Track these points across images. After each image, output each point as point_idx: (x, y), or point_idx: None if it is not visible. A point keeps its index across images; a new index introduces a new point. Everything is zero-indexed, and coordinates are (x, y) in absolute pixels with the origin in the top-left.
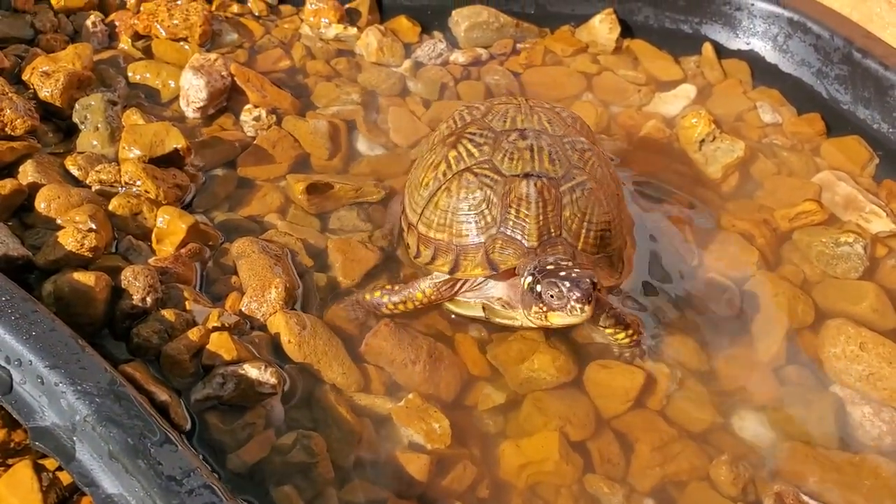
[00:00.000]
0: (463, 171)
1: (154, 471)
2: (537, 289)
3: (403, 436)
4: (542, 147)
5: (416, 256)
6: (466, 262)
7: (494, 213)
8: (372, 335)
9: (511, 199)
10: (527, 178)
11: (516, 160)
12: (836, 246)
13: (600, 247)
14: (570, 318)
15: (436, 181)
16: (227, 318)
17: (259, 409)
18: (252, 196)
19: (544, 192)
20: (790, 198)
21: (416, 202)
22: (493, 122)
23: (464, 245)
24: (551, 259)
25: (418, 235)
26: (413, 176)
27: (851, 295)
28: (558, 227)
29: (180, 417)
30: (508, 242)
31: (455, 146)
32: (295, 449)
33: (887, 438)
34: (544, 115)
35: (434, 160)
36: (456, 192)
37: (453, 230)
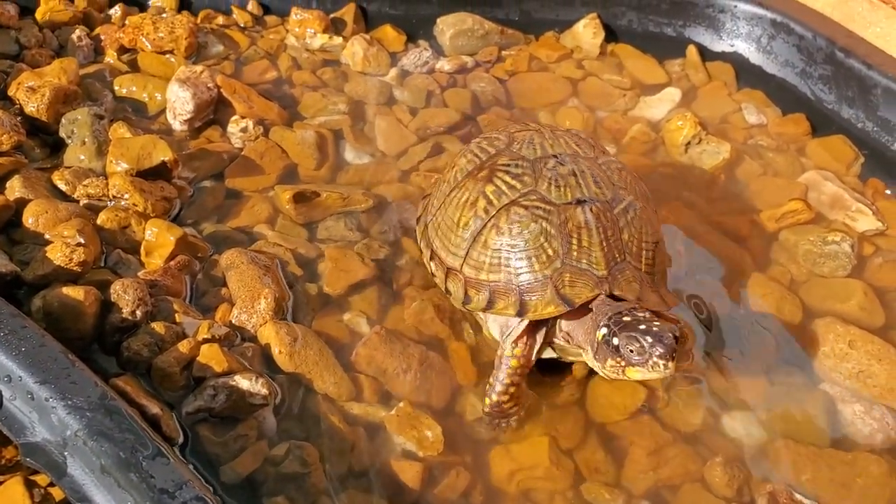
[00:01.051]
0: (509, 205)
1: (146, 484)
2: (614, 342)
3: (396, 444)
4: (584, 171)
5: (467, 302)
6: (535, 301)
7: (555, 245)
8: (363, 345)
9: (570, 228)
10: (580, 204)
11: (563, 187)
12: (823, 245)
13: (656, 266)
14: (652, 374)
15: (477, 219)
16: (218, 329)
17: (251, 421)
18: (240, 207)
19: (601, 217)
20: (776, 198)
21: (454, 244)
22: (523, 150)
23: (527, 283)
24: (625, 307)
25: (464, 280)
26: (441, 218)
27: (839, 293)
28: (621, 251)
29: (172, 430)
30: (578, 274)
31: (490, 180)
32: (288, 459)
33: (878, 436)
34: (569, 138)
35: (468, 198)
36: (507, 228)
37: (511, 269)
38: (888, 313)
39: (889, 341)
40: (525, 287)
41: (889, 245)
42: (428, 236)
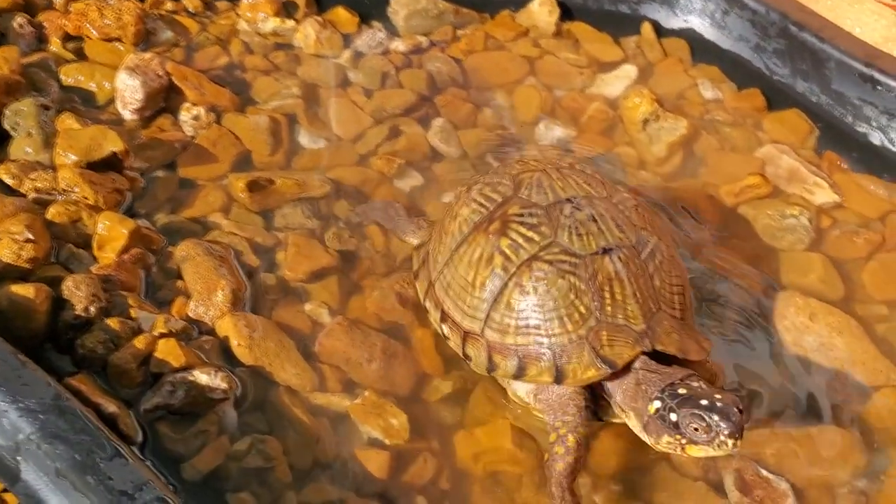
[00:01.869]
0: (530, 260)
1: (104, 486)
2: (672, 418)
3: (362, 433)
4: (603, 214)
5: (492, 370)
6: (572, 365)
7: (587, 301)
8: (325, 335)
9: (600, 280)
10: (607, 253)
11: (585, 235)
12: (782, 218)
13: (685, 310)
14: (718, 453)
15: (496, 278)
16: (174, 323)
17: (211, 416)
18: (194, 197)
19: (630, 264)
20: (734, 173)
21: (471, 306)
22: (534, 196)
23: (560, 346)
24: (678, 377)
25: (488, 345)
26: (450, 276)
27: (799, 266)
28: (655, 299)
29: (130, 429)
30: (615, 331)
31: (504, 233)
32: (250, 454)
33: (841, 408)
34: (578, 177)
35: (482, 254)
36: (532, 287)
37: (541, 331)
38: (847, 285)
39: (849, 313)
40: (559, 350)
41: (846, 217)
42: (436, 296)
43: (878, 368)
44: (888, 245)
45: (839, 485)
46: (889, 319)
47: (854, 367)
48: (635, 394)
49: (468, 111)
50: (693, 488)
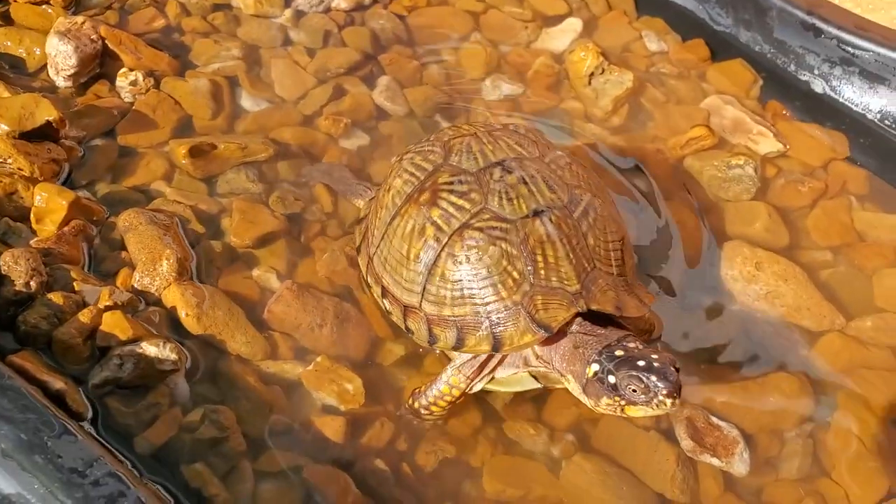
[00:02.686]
0: (461, 228)
1: (53, 465)
2: (610, 380)
3: (316, 399)
4: (534, 175)
5: (433, 342)
6: (509, 331)
7: (520, 266)
8: (274, 301)
9: (532, 244)
10: (538, 215)
11: (516, 199)
12: (727, 169)
13: (625, 265)
14: (657, 412)
15: (429, 249)
16: (119, 295)
17: (162, 388)
18: (135, 165)
19: (563, 225)
20: (680, 125)
21: (407, 279)
22: (463, 162)
23: (496, 312)
24: (614, 338)
25: (427, 318)
26: (387, 250)
27: (745, 216)
28: (590, 258)
29: (79, 405)
30: (550, 294)
31: (435, 203)
32: (204, 425)
33: (788, 354)
34: (508, 138)
35: (414, 226)
36: (465, 256)
37: (476, 300)
38: (792, 233)
39: (794, 261)
40: (495, 318)
41: (790, 166)
42: (375, 271)
43: (822, 314)
44: (831, 192)
45: (788, 429)
46: (833, 265)
47: (800, 314)
48: (573, 357)
49: (413, 69)
50: (645, 437)
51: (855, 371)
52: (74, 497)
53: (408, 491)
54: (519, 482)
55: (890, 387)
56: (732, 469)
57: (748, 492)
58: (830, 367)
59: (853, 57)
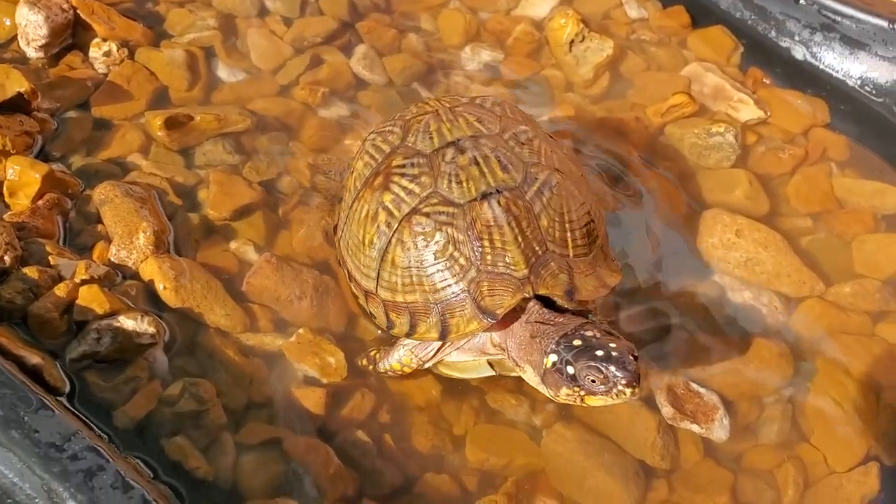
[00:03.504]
0: (409, 214)
1: (31, 440)
2: (569, 371)
3: (297, 371)
4: (487, 155)
5: (391, 328)
6: (455, 319)
7: (465, 252)
8: (252, 274)
9: (478, 228)
10: (486, 198)
11: (465, 181)
12: (708, 136)
13: (590, 243)
14: (616, 401)
15: (381, 235)
16: (96, 269)
17: (141, 362)
18: (110, 137)
19: (511, 207)
20: (661, 93)
21: (365, 265)
22: (419, 143)
23: (444, 300)
24: (572, 326)
25: (383, 303)
26: (348, 235)
27: (725, 184)
28: (542, 241)
29: (56, 380)
30: (495, 280)
31: (387, 187)
32: (183, 398)
33: (768, 320)
34: (469, 114)
35: (368, 211)
36: (412, 242)
37: (425, 286)
38: (773, 200)
39: (774, 228)
40: (443, 305)
41: (771, 133)
42: (342, 254)
43: (802, 280)
44: (811, 159)
45: (767, 395)
46: (813, 232)
47: (779, 280)
48: (530, 347)
49: (392, 37)
50: (627, 405)
51: (834, 337)
52: (52, 471)
53: (390, 462)
54: (502, 451)
55: (868, 352)
56: (712, 435)
57: (728, 457)
58: (810, 333)
59: (834, 23)
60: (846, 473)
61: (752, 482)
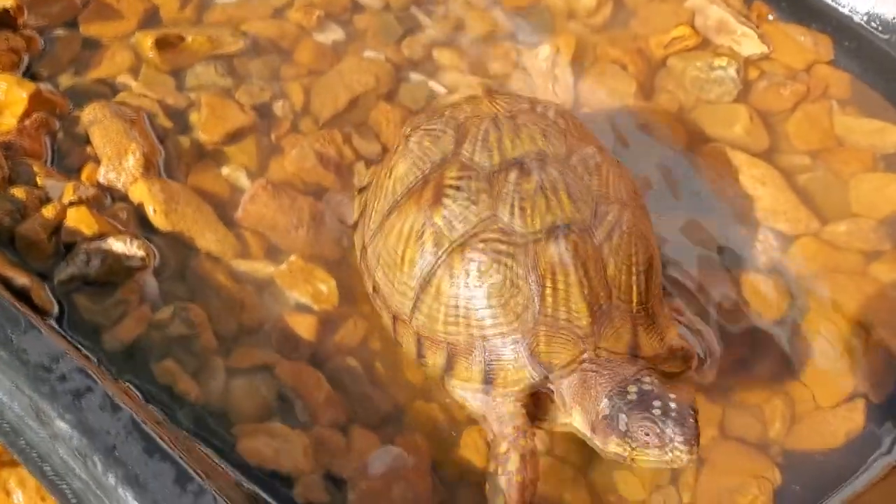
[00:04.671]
0: (463, 240)
1: (19, 360)
2: (621, 422)
3: (289, 298)
4: (556, 183)
5: (422, 361)
6: (503, 366)
7: (525, 292)
8: (250, 201)
9: (542, 269)
10: (552, 235)
11: (530, 212)
12: (710, 70)
13: (651, 290)
14: (669, 462)
15: (425, 258)
16: (85, 190)
17: (131, 285)
18: (100, 57)
19: (580, 249)
20: (664, 24)
21: (400, 283)
22: (476, 155)
23: (492, 342)
24: (629, 373)
25: (417, 333)
26: (381, 245)
27: (725, 119)
28: (607, 289)
29: (44, 301)
30: (555, 330)
31: (438, 203)
32: (174, 322)
33: (762, 257)
34: (534, 125)
35: (412, 227)
36: (463, 273)
37: (472, 324)
38: (772, 136)
39: (773, 164)
40: (490, 348)
41: (773, 69)
42: (368, 263)
43: (798, 218)
44: (813, 95)
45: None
46: (811, 169)
47: (776, 217)
48: (582, 393)
49: None
50: None
51: (827, 275)
52: (41, 392)
53: (380, 389)
54: None
55: (860, 291)
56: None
57: (718, 391)
58: (804, 271)
59: None
60: (832, 409)
61: (739, 416)
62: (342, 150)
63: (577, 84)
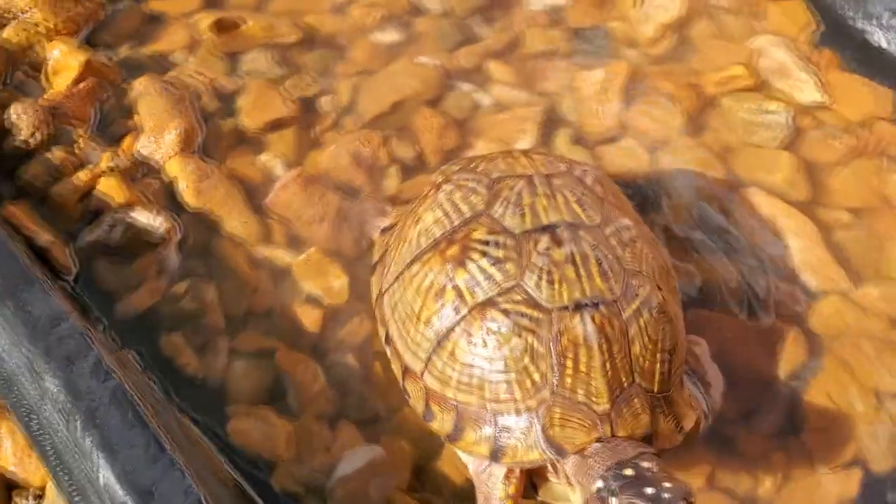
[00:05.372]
0: (485, 305)
1: (22, 315)
2: (612, 502)
3: (302, 289)
4: (587, 254)
5: (429, 419)
6: (513, 443)
7: (543, 367)
8: (282, 188)
9: (564, 344)
10: (579, 310)
11: (558, 283)
12: (761, 113)
13: (675, 373)
14: None
15: (444, 318)
16: (121, 160)
17: (150, 257)
18: (160, 32)
19: (606, 327)
20: (722, 61)
21: (413, 340)
22: (507, 217)
23: (505, 416)
24: (628, 454)
25: (426, 391)
26: (398, 296)
27: (768, 164)
28: (629, 371)
29: (64, 261)
30: (570, 409)
31: (462, 263)
32: (186, 297)
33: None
34: (570, 190)
35: (433, 283)
36: (482, 340)
37: (485, 392)
38: (816, 188)
39: (811, 216)
40: (502, 421)
41: (830, 120)
42: (383, 312)
43: (829, 275)
44: (867, 152)
45: (770, 380)
46: (850, 228)
47: (806, 271)
48: (581, 468)
49: None
50: None
51: (850, 337)
52: (38, 349)
53: (375, 389)
54: None
55: (880, 358)
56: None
57: (716, 438)
58: (826, 329)
59: None
60: (828, 473)
61: (732, 467)
62: (378, 152)
63: (624, 111)
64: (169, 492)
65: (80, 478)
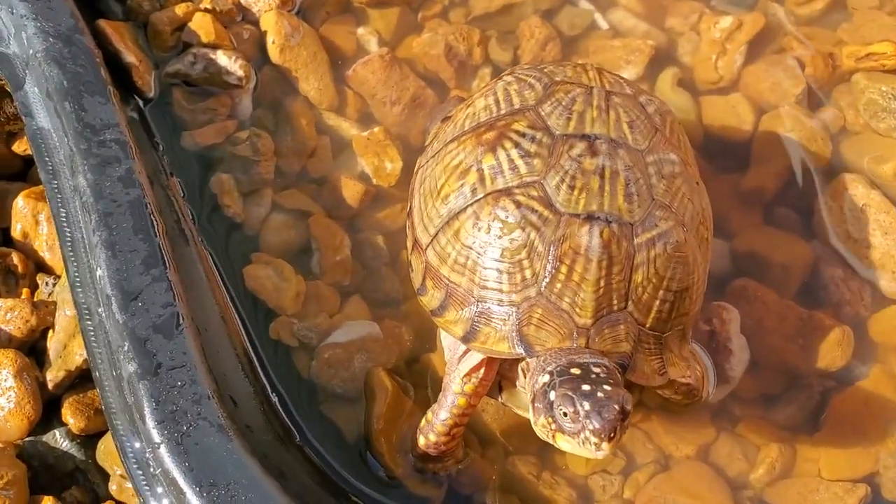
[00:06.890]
0: (500, 193)
1: (76, 116)
2: (550, 397)
3: (357, 164)
4: (618, 171)
5: (421, 293)
6: (488, 330)
7: (537, 266)
8: (363, 64)
9: (564, 250)
10: (590, 221)
11: (578, 190)
12: (892, 99)
13: (673, 322)
14: (581, 452)
15: (459, 196)
16: (221, 2)
17: (224, 98)
18: None
19: (612, 245)
20: (873, 36)
21: (428, 214)
22: (553, 116)
23: (487, 304)
24: (584, 359)
25: (426, 264)
26: (429, 171)
27: (881, 153)
28: (623, 296)
29: (144, 83)
30: (551, 313)
31: (495, 148)
32: (245, 143)
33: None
34: (625, 110)
35: (461, 162)
36: (486, 224)
37: (476, 276)
38: None
39: None
40: (483, 307)
41: None
42: (413, 184)
43: None
44: None
45: (804, 375)
46: None
47: (881, 272)
48: (537, 368)
49: None
50: None
51: None
52: (80, 147)
53: (394, 273)
54: None
55: None
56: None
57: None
58: (882, 338)
59: None
60: (830, 482)
61: (730, 446)
62: (473, 49)
63: (744, 66)
64: (151, 300)
65: (83, 270)
